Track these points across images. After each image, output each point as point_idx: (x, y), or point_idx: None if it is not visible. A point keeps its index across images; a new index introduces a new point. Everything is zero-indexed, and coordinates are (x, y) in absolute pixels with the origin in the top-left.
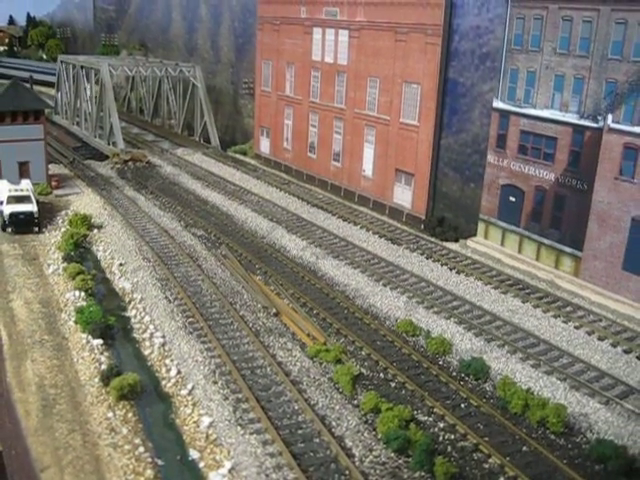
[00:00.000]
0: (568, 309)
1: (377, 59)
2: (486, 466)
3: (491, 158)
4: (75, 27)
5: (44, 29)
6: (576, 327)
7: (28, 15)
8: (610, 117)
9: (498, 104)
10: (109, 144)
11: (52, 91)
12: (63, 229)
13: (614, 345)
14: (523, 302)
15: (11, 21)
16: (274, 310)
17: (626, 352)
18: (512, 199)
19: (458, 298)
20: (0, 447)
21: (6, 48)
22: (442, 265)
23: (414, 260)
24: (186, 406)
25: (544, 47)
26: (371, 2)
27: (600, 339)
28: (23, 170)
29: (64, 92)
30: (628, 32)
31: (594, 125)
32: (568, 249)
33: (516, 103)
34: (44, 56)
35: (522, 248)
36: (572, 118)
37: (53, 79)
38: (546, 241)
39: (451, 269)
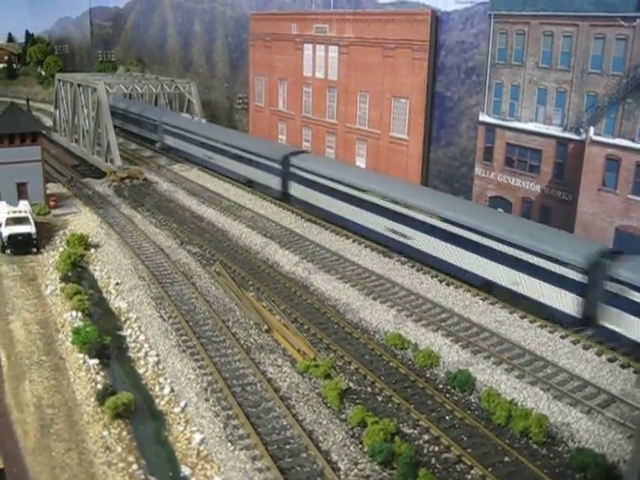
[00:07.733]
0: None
1: (366, 74)
2: (468, 477)
3: (479, 170)
4: (73, 43)
5: (42, 46)
6: (562, 337)
7: (27, 32)
8: (592, 129)
9: (484, 118)
10: (107, 161)
11: None
12: (61, 249)
13: (599, 354)
14: (510, 313)
15: (10, 38)
16: (266, 327)
17: (610, 361)
18: (500, 211)
19: (446, 310)
20: (2, 464)
21: (5, 65)
22: (432, 277)
23: (404, 273)
24: (179, 423)
25: (527, 61)
26: (359, 19)
27: (585, 348)
28: (21, 191)
29: (62, 110)
30: (607, 47)
31: (577, 137)
32: None
33: (501, 116)
34: (43, 73)
35: None
36: (555, 131)
37: None
38: None
39: (440, 281)
